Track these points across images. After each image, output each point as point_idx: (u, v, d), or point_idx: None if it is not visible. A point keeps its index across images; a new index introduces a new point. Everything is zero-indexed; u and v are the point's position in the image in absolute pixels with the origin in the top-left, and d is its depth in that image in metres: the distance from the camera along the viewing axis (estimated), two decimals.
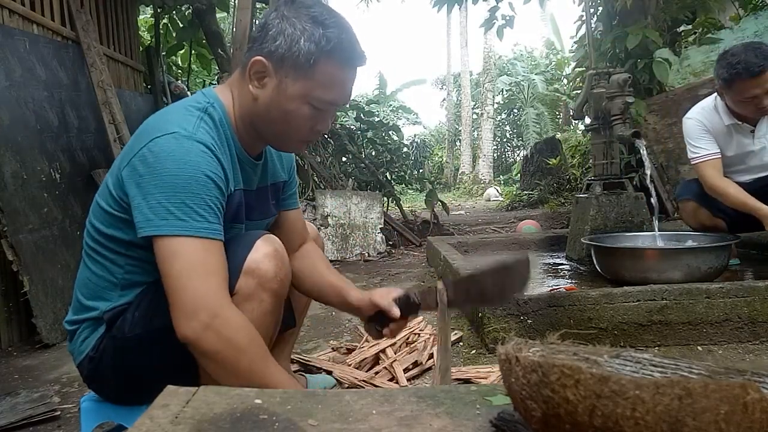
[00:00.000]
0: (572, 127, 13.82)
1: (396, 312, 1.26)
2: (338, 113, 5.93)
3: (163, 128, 1.05)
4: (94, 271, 1.16)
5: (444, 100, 21.44)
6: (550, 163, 8.82)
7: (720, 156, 2.51)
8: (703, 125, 2.53)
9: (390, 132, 6.61)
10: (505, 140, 20.57)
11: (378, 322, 1.31)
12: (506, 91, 18.15)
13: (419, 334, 2.07)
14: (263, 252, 1.09)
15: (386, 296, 1.28)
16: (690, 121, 2.58)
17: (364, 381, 1.67)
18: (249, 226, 1.24)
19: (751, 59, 2.23)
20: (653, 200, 2.48)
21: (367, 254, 4.54)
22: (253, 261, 1.07)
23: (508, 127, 20.11)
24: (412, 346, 1.95)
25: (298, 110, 1.11)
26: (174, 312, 0.99)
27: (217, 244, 1.03)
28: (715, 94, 2.54)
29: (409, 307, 1.27)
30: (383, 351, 1.87)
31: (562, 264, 3.02)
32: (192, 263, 0.99)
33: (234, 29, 4.59)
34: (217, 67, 6.32)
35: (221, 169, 1.08)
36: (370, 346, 1.92)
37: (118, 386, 1.18)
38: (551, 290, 2.19)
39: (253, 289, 1.07)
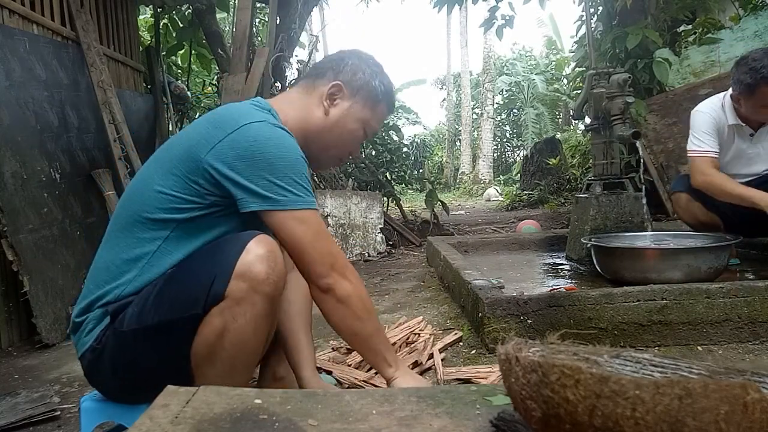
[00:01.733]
0: (572, 127, 13.82)
1: None
2: None
3: (248, 117, 1.17)
4: (119, 251, 1.17)
5: (444, 100, 21.45)
6: (550, 163, 8.82)
7: (718, 157, 2.51)
8: (713, 121, 2.52)
9: (390, 132, 6.61)
10: (505, 140, 20.56)
11: None
12: (506, 91, 18.15)
13: (419, 334, 2.07)
14: (255, 254, 1.09)
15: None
16: (701, 115, 2.57)
17: (364, 381, 1.67)
18: None
19: None
20: (643, 201, 2.48)
21: (367, 254, 4.54)
22: (245, 263, 1.08)
23: (508, 127, 20.10)
24: (412, 346, 1.94)
25: (356, 131, 1.36)
26: (314, 266, 1.17)
27: (319, 213, 1.21)
28: (725, 93, 2.53)
29: None
30: None
31: (562, 264, 3.02)
32: (318, 229, 1.18)
33: (234, 29, 4.59)
34: (217, 67, 6.32)
35: None
36: None
37: (115, 382, 1.18)
38: (551, 290, 2.19)
39: (245, 293, 1.07)
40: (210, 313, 1.07)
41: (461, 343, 2.04)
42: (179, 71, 7.25)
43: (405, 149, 6.35)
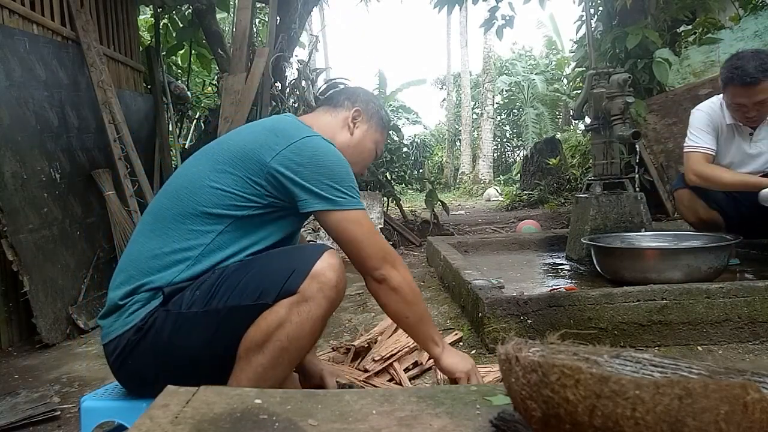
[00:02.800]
0: (572, 127, 13.82)
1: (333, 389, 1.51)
2: None
3: (304, 131, 1.33)
4: (170, 241, 1.25)
5: (444, 100, 21.44)
6: (550, 163, 8.81)
7: (713, 155, 2.51)
8: (710, 119, 2.54)
9: (390, 132, 6.61)
10: (505, 140, 20.55)
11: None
12: (506, 91, 18.14)
13: None
14: (329, 262, 1.23)
15: (333, 377, 1.58)
16: (698, 113, 2.60)
17: (364, 381, 1.67)
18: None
19: (749, 69, 2.23)
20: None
21: None
22: (321, 268, 1.21)
23: (508, 127, 20.09)
24: (412, 346, 1.94)
25: (372, 150, 1.58)
26: (369, 260, 1.32)
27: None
28: None
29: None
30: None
31: (562, 264, 3.02)
32: (370, 227, 1.33)
33: (234, 29, 4.59)
34: (217, 67, 6.32)
35: None
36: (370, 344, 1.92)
37: (156, 364, 1.20)
38: (551, 290, 2.19)
39: (315, 292, 1.19)
40: (279, 303, 1.17)
41: (461, 343, 2.04)
42: (179, 71, 7.25)
43: (405, 149, 6.35)
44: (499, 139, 19.64)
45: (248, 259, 1.27)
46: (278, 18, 5.08)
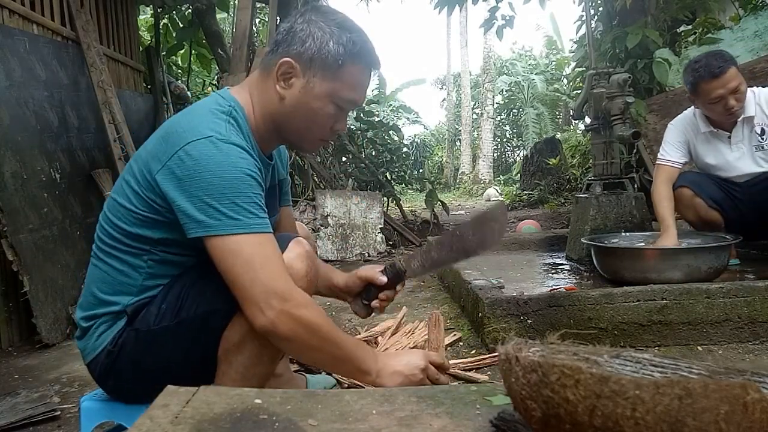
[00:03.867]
0: (572, 127, 13.81)
1: (383, 279, 1.34)
2: None
3: (196, 132, 1.08)
4: (114, 267, 1.17)
5: (444, 100, 21.44)
6: (550, 163, 8.81)
7: (679, 168, 2.59)
8: (681, 133, 2.62)
9: (390, 132, 6.61)
10: (505, 140, 20.55)
11: (365, 296, 1.36)
12: (506, 91, 18.13)
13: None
14: (296, 252, 1.15)
15: (371, 269, 1.37)
16: (671, 127, 2.68)
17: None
18: None
19: (712, 62, 2.33)
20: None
21: (367, 254, 4.54)
22: (287, 260, 1.12)
23: (508, 127, 20.09)
24: (411, 347, 1.94)
25: (323, 108, 1.18)
26: (246, 306, 1.05)
27: (269, 236, 1.09)
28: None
29: (395, 275, 1.32)
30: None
31: (562, 264, 3.02)
32: (252, 257, 1.04)
33: (234, 29, 4.59)
34: (217, 67, 6.32)
35: (257, 167, 1.13)
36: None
37: (136, 381, 1.17)
38: (551, 290, 2.19)
39: None
40: None
41: (461, 343, 2.04)
42: (179, 71, 7.25)
43: (405, 149, 6.36)
44: (499, 139, 19.64)
45: (208, 259, 1.13)
46: (278, 18, 5.08)
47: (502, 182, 15.42)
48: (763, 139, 2.45)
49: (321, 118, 1.19)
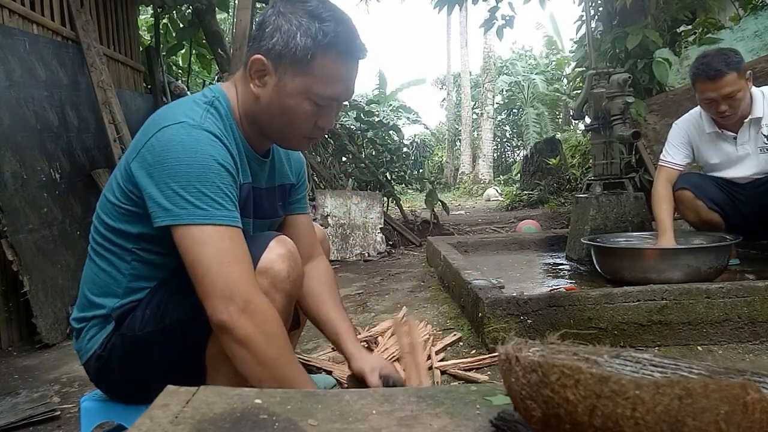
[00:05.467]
0: (572, 127, 13.81)
1: (377, 387, 1.25)
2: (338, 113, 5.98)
3: (170, 119, 1.05)
4: (101, 267, 1.16)
5: (444, 100, 21.44)
6: (550, 163, 8.81)
7: (679, 171, 2.59)
8: (685, 134, 2.61)
9: (390, 132, 6.61)
10: (505, 140, 20.56)
11: (360, 382, 1.31)
12: (506, 91, 18.13)
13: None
14: (277, 252, 1.09)
15: (375, 370, 1.27)
16: (675, 127, 2.67)
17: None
18: (255, 223, 1.24)
19: (714, 63, 2.30)
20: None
21: (367, 254, 4.54)
22: (268, 261, 1.08)
23: (508, 127, 20.10)
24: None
25: (298, 106, 1.11)
26: (207, 299, 0.99)
27: (238, 231, 1.04)
28: None
29: (392, 385, 1.26)
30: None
31: (562, 264, 3.02)
32: (219, 251, 0.99)
33: (234, 29, 4.59)
34: (217, 67, 6.32)
35: (230, 157, 1.08)
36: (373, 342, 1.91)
37: (127, 385, 1.18)
38: (551, 290, 2.19)
39: (266, 289, 1.07)
40: None
41: (461, 343, 2.04)
42: (179, 71, 7.25)
43: (405, 149, 6.36)
44: (499, 139, 19.65)
45: None
46: None
47: (502, 182, 15.42)
48: None
49: (298, 116, 1.12)
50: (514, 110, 19.05)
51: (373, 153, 6.23)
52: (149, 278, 1.15)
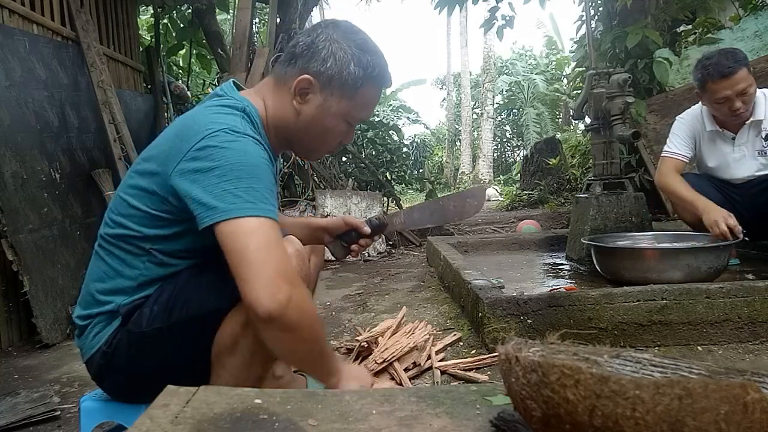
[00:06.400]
0: (572, 127, 13.82)
1: (367, 229, 1.46)
2: None
3: (212, 126, 1.08)
4: (111, 266, 1.17)
5: (444, 100, 21.45)
6: (550, 163, 8.81)
7: (686, 161, 2.57)
8: (689, 128, 2.61)
9: (390, 132, 6.61)
10: (505, 140, 20.58)
11: (345, 239, 1.48)
12: (506, 91, 18.15)
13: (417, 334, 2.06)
14: (288, 250, 1.12)
15: (356, 218, 1.48)
16: (679, 120, 2.67)
17: None
18: None
19: (724, 61, 2.31)
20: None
21: (367, 254, 4.54)
22: None
23: (508, 127, 20.11)
24: (411, 347, 1.94)
25: (336, 126, 1.23)
26: (254, 286, 0.99)
27: (278, 226, 1.07)
28: None
29: (378, 226, 1.47)
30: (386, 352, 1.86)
31: (562, 264, 3.02)
32: (268, 240, 1.01)
33: (234, 29, 4.59)
34: (217, 67, 6.32)
35: (271, 162, 1.15)
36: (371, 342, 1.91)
37: (130, 382, 1.18)
38: (551, 290, 2.19)
39: None
40: (240, 305, 1.07)
41: (461, 343, 2.04)
42: (179, 71, 7.25)
43: (405, 149, 6.37)
44: (499, 139, 19.66)
45: (201, 263, 1.16)
46: (278, 18, 5.08)
47: (502, 182, 15.44)
48: (766, 144, 2.44)
49: (334, 134, 1.24)
50: (514, 110, 19.06)
51: (373, 153, 6.24)
52: (161, 278, 1.17)
